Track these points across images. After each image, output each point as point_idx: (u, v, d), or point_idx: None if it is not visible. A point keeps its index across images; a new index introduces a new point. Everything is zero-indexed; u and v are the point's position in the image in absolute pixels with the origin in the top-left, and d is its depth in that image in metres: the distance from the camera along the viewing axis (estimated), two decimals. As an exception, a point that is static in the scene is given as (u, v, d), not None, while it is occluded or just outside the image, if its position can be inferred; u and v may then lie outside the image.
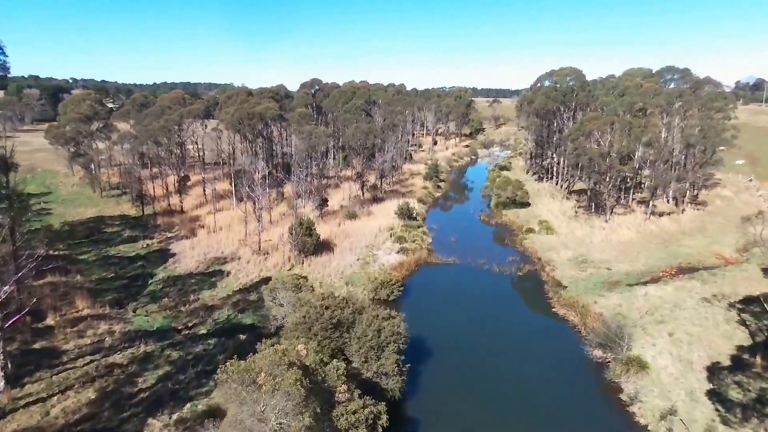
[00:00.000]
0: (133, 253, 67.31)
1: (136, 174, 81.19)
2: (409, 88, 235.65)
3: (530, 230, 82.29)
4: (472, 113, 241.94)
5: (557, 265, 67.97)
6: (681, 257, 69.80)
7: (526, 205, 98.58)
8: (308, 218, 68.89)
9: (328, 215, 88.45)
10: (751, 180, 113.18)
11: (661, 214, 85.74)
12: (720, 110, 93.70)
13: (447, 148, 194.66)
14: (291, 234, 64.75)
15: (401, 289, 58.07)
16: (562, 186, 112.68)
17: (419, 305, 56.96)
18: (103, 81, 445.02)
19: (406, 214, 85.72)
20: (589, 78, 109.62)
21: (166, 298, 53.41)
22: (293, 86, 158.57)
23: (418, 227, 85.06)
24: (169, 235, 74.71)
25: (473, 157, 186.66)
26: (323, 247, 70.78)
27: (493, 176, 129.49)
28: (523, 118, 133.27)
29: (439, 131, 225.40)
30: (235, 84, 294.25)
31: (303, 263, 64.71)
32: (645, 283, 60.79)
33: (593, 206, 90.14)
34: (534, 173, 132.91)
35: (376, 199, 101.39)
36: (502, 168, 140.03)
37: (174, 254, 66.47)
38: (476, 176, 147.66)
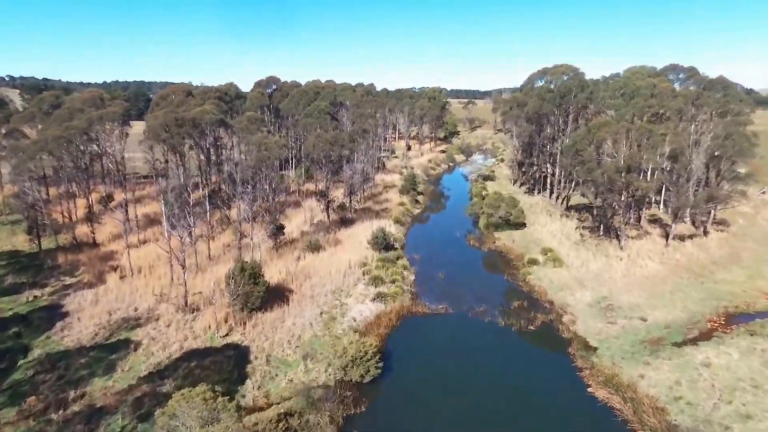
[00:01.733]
0: (10, 312, 49.93)
1: (28, 198, 63.16)
2: (378, 88, 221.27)
3: (533, 261, 68.21)
4: (447, 116, 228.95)
5: (577, 313, 53.89)
6: (723, 298, 56.85)
7: (521, 225, 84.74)
8: (253, 260, 52.77)
9: (284, 246, 72.45)
10: (764, 192, 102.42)
11: (682, 238, 73.03)
12: (738, 114, 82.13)
13: (422, 154, 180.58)
14: (229, 283, 48.63)
15: (379, 363, 42.67)
16: (557, 200, 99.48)
17: (405, 387, 41.81)
18: (45, 79, 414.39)
19: (381, 243, 70.46)
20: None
21: (33, 397, 36.68)
22: (248, 85, 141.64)
23: (397, 259, 70.06)
24: (69, 281, 57.41)
25: (450, 163, 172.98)
26: (276, 295, 54.93)
27: (477, 189, 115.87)
28: (509, 122, 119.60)
29: (413, 134, 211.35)
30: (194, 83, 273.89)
31: (245, 324, 48.64)
32: (695, 341, 47.50)
33: (601, 227, 76.85)
34: (522, 184, 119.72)
35: (344, 222, 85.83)
36: (486, 178, 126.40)
37: (66, 314, 49.38)
38: (457, 186, 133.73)
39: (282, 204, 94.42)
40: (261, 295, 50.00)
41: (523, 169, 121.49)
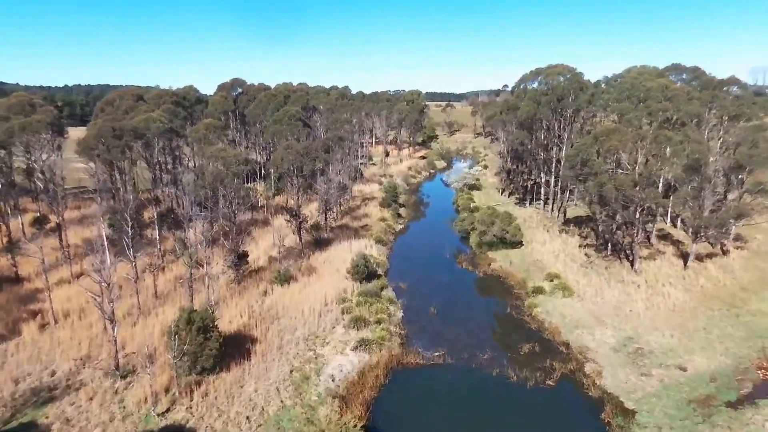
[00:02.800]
0: None
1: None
2: (354, 91, 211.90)
3: (538, 290, 59.37)
4: (425, 119, 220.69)
5: (600, 361, 45.09)
6: (767, 336, 48.82)
7: (518, 243, 76.02)
8: (205, 308, 42.41)
9: (248, 277, 62.13)
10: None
11: (699, 258, 65.21)
12: (749, 119, 75.27)
13: (401, 161, 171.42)
14: (171, 339, 38.17)
15: (367, 448, 32.98)
16: (552, 212, 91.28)
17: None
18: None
19: (362, 272, 60.71)
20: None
21: None
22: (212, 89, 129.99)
23: (381, 289, 60.60)
24: (-27, 335, 46.03)
25: (431, 170, 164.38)
26: (235, 346, 44.75)
27: (463, 200, 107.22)
28: (495, 127, 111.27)
29: (390, 139, 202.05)
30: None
31: (193, 393, 38.25)
32: (752, 399, 39.17)
33: (608, 246, 68.63)
34: (511, 193, 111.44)
35: (319, 243, 75.78)
36: (471, 187, 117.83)
37: (-44, 386, 38.24)
38: (440, 196, 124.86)
39: (248, 223, 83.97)
40: (214, 353, 39.72)
41: (512, 178, 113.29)
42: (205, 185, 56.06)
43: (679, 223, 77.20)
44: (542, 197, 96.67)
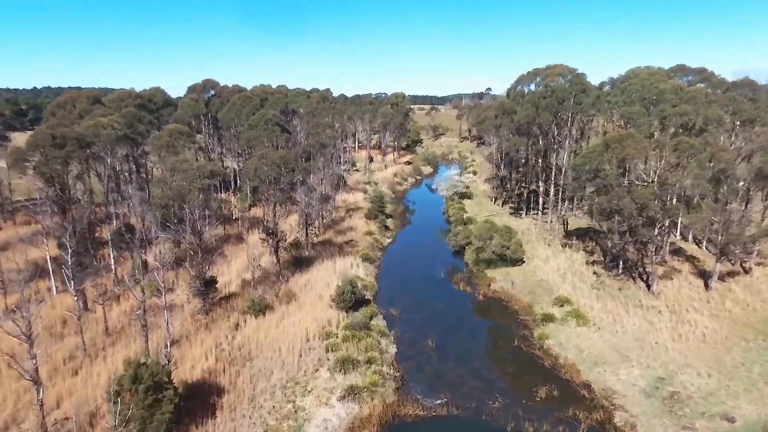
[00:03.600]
0: None
1: None
2: (335, 94, 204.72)
3: (548, 318, 52.80)
4: (410, 123, 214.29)
5: (631, 408, 38.57)
6: (813, 371, 42.84)
7: (519, 261, 69.53)
8: (156, 362, 34.63)
9: (218, 306, 54.43)
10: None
11: (722, 278, 59.35)
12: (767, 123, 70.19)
13: (386, 167, 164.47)
14: (112, 403, 30.39)
15: None
16: (550, 222, 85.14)
17: None
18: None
19: (349, 300, 53.47)
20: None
21: None
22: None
23: (371, 318, 53.65)
24: None
25: (418, 176, 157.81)
26: (197, 399, 37.26)
27: (454, 210, 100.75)
28: (486, 131, 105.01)
29: (373, 143, 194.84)
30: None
31: (140, 472, 30.58)
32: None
33: (619, 264, 62.49)
34: (504, 202, 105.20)
35: (299, 263, 68.33)
36: (462, 196, 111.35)
37: None
38: (428, 205, 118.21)
39: (220, 239, 76.18)
40: (167, 417, 32.09)
41: (506, 186, 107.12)
42: (164, 202, 48.29)
43: (690, 237, 71.50)
44: (539, 207, 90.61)
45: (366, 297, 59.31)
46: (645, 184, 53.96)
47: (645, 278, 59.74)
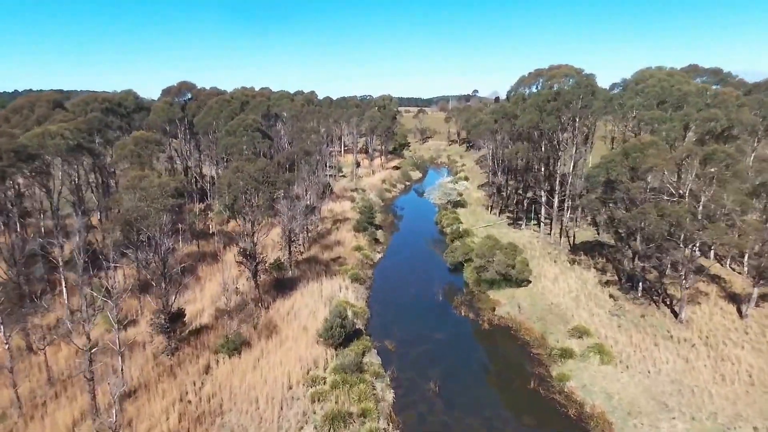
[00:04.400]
0: None
1: None
2: (320, 96, 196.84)
3: (566, 353, 45.79)
4: (397, 126, 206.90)
5: (681, 478, 31.52)
6: None
7: (525, 281, 62.54)
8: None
9: (186, 343, 46.50)
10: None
11: (755, 303, 52.81)
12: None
13: (373, 172, 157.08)
14: None
15: None
16: (553, 235, 78.42)
17: None
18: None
19: (337, 335, 45.93)
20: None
21: None
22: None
23: (363, 354, 46.24)
24: None
25: (407, 182, 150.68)
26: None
27: (448, 219, 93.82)
28: (484, 136, 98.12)
29: (360, 146, 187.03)
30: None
31: None
32: None
33: (639, 286, 55.83)
34: (501, 211, 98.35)
35: (281, 286, 60.64)
36: (456, 204, 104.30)
37: None
38: (419, 213, 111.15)
39: (194, 258, 68.13)
40: None
41: (503, 194, 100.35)
42: (120, 225, 40.29)
43: (712, 254, 65.13)
44: (541, 217, 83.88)
45: (357, 326, 51.86)
46: (674, 199, 47.25)
47: (669, 302, 53.11)
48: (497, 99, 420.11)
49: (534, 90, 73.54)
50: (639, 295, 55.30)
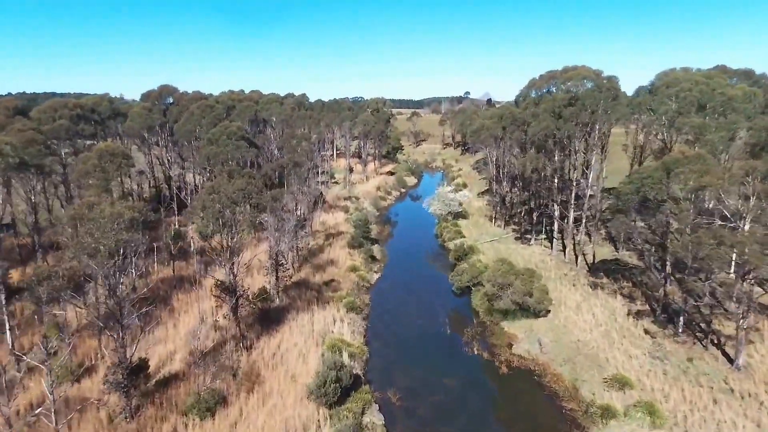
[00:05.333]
0: None
1: None
2: (311, 99, 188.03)
3: (607, 412, 37.51)
4: (391, 129, 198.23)
5: None
6: None
7: (544, 311, 54.28)
8: None
9: (150, 401, 37.67)
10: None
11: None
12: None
13: (367, 178, 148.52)
14: None
15: None
16: (567, 253, 70.36)
17: None
18: None
19: (332, 392, 37.34)
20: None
21: None
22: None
23: (363, 411, 37.86)
24: None
25: (402, 189, 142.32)
26: None
27: (449, 232, 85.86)
28: (487, 142, 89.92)
29: (352, 149, 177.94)
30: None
31: None
32: None
33: (680, 320, 47.83)
34: (506, 223, 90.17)
35: (268, 319, 51.94)
36: (458, 215, 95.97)
37: None
38: (416, 223, 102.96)
39: (170, 283, 59.30)
40: None
41: (508, 204, 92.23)
42: (68, 261, 31.48)
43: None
44: (550, 230, 75.77)
45: (354, 371, 43.33)
46: (729, 223, 39.20)
47: (717, 341, 45.09)
48: (489, 101, 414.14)
49: (547, 93, 65.28)
50: (680, 330, 47.23)
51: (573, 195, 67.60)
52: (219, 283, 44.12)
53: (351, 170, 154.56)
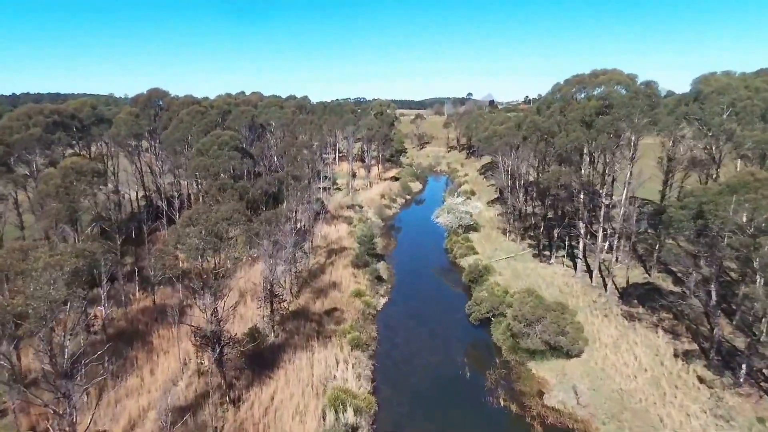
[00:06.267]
0: None
1: None
2: (313, 100, 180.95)
3: (674, 496, 29.76)
4: (394, 132, 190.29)
5: None
6: None
7: (577, 350, 46.59)
8: None
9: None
10: None
11: None
12: None
13: (371, 184, 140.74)
14: None
15: None
16: (592, 274, 62.70)
17: None
18: None
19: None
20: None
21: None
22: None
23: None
24: None
25: (407, 196, 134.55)
26: None
27: (461, 248, 78.42)
28: (502, 150, 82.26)
29: (355, 151, 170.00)
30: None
31: None
32: None
33: (741, 368, 40.19)
34: (520, 237, 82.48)
35: (260, 361, 44.34)
36: (468, 228, 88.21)
37: None
38: (424, 234, 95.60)
39: (150, 314, 51.82)
40: None
41: (523, 217, 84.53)
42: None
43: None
44: (573, 248, 68.14)
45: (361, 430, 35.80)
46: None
47: (791, 397, 37.36)
48: (492, 102, 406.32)
49: (573, 99, 57.44)
50: (741, 380, 39.61)
51: (602, 212, 59.90)
52: (198, 330, 36.52)
53: (354, 175, 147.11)
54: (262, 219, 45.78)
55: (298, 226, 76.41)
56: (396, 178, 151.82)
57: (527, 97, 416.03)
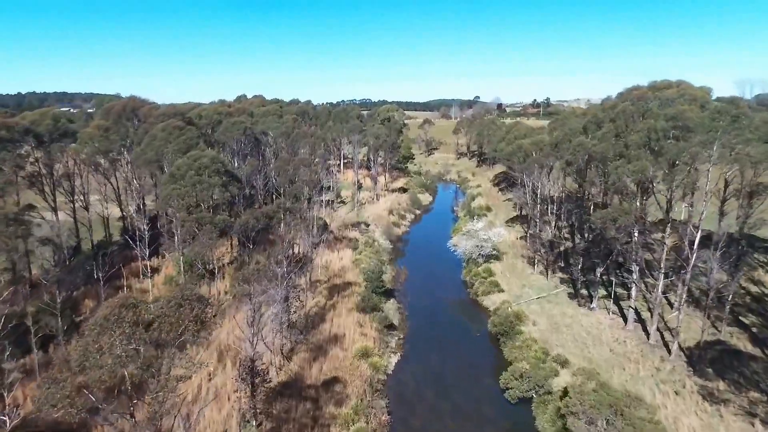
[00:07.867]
0: None
1: None
2: (315, 103, 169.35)
3: None
4: (402, 138, 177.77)
5: None
6: None
7: (651, 450, 34.42)
8: None
9: None
10: None
11: None
12: None
13: (378, 197, 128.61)
14: None
15: None
16: (649, 332, 50.56)
17: None
18: None
19: None
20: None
21: None
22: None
23: None
24: None
25: (417, 211, 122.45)
26: None
27: (484, 286, 66.53)
28: (533, 170, 70.18)
29: (360, 157, 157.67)
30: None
31: None
32: None
33: None
34: (550, 269, 70.33)
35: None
36: (489, 257, 75.90)
37: None
38: (437, 259, 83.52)
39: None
40: None
41: (548, 244, 72.36)
42: None
43: None
44: (613, 287, 56.02)
45: None
46: None
47: None
48: (500, 106, 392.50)
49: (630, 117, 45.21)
50: None
51: (664, 252, 47.77)
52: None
53: (359, 186, 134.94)
54: (240, 279, 33.93)
55: (296, 251, 65.00)
56: (404, 189, 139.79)
57: (535, 100, 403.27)
